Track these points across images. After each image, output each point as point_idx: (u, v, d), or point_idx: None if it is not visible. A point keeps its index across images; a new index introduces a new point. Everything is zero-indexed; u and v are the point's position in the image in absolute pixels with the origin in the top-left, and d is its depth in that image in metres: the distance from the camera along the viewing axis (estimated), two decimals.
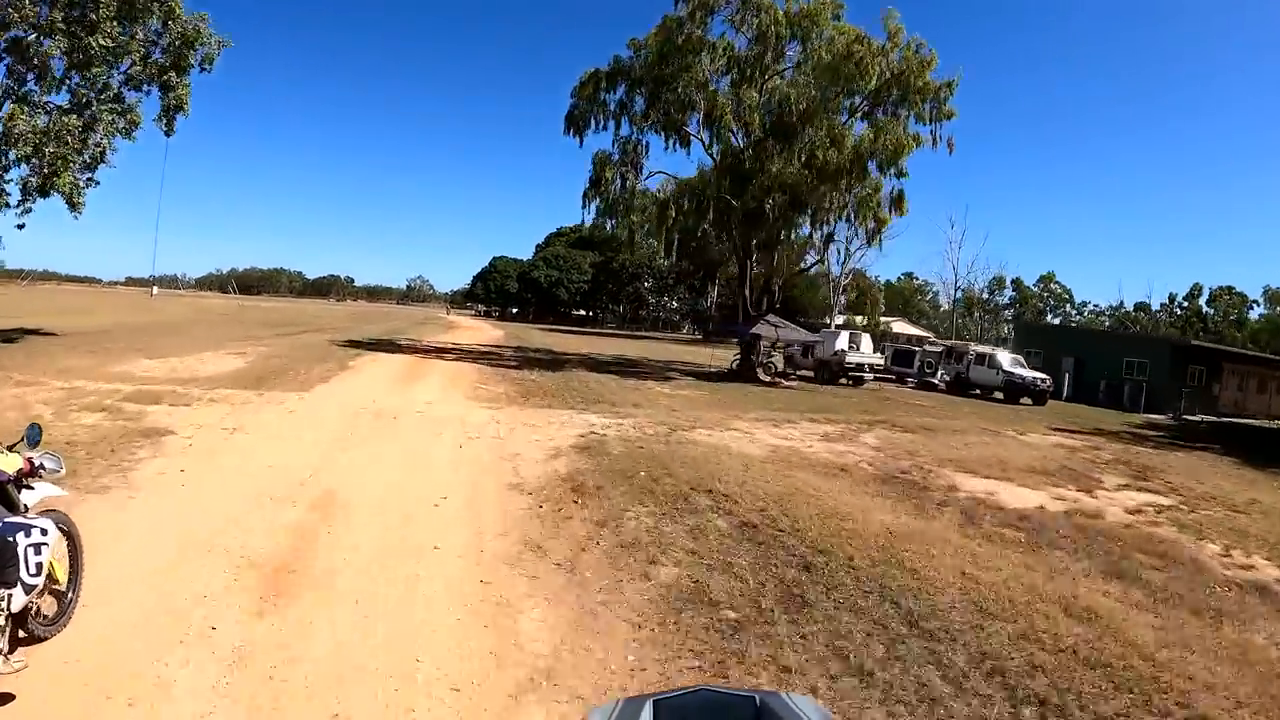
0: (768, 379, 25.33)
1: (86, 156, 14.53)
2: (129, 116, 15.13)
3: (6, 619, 3.03)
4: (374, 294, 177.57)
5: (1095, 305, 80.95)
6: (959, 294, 63.05)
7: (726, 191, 23.90)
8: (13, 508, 3.41)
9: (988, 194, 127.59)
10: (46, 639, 3.49)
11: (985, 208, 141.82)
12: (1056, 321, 74.34)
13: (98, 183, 15.11)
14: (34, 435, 3.86)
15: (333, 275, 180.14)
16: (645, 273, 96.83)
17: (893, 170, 23.18)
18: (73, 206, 14.52)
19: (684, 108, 23.70)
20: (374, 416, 10.76)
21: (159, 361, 14.74)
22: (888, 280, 69.70)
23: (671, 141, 25.06)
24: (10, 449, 3.60)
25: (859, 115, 23.77)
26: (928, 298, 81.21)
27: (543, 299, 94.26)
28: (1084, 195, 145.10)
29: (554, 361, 25.19)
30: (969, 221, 71.34)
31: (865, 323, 50.83)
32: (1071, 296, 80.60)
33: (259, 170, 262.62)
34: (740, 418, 14.03)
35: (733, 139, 24.20)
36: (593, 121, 25.11)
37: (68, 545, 3.78)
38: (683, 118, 24.17)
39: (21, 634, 3.31)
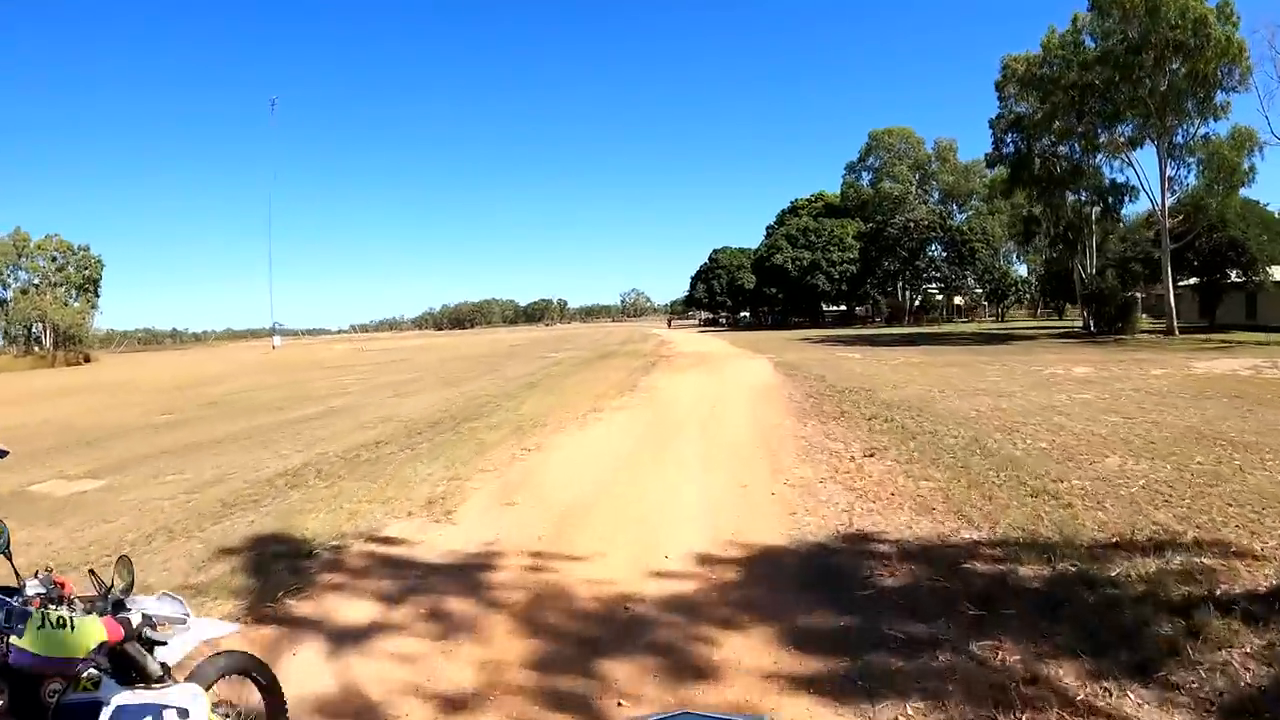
0: None
1: None
2: None
3: None
4: (590, 314, 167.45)
5: None
6: None
7: None
8: (141, 677, 1.98)
9: None
10: None
11: None
12: None
13: None
14: (126, 580, 2.08)
15: (544, 300, 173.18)
16: (935, 235, 66.67)
17: None
18: None
19: None
20: None
21: None
22: None
23: None
24: (105, 597, 2.02)
25: None
26: None
27: (793, 293, 67.77)
28: None
29: None
30: None
31: None
32: None
33: (464, 201, 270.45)
34: None
35: None
36: None
37: (260, 690, 2.58)
38: None
39: None
